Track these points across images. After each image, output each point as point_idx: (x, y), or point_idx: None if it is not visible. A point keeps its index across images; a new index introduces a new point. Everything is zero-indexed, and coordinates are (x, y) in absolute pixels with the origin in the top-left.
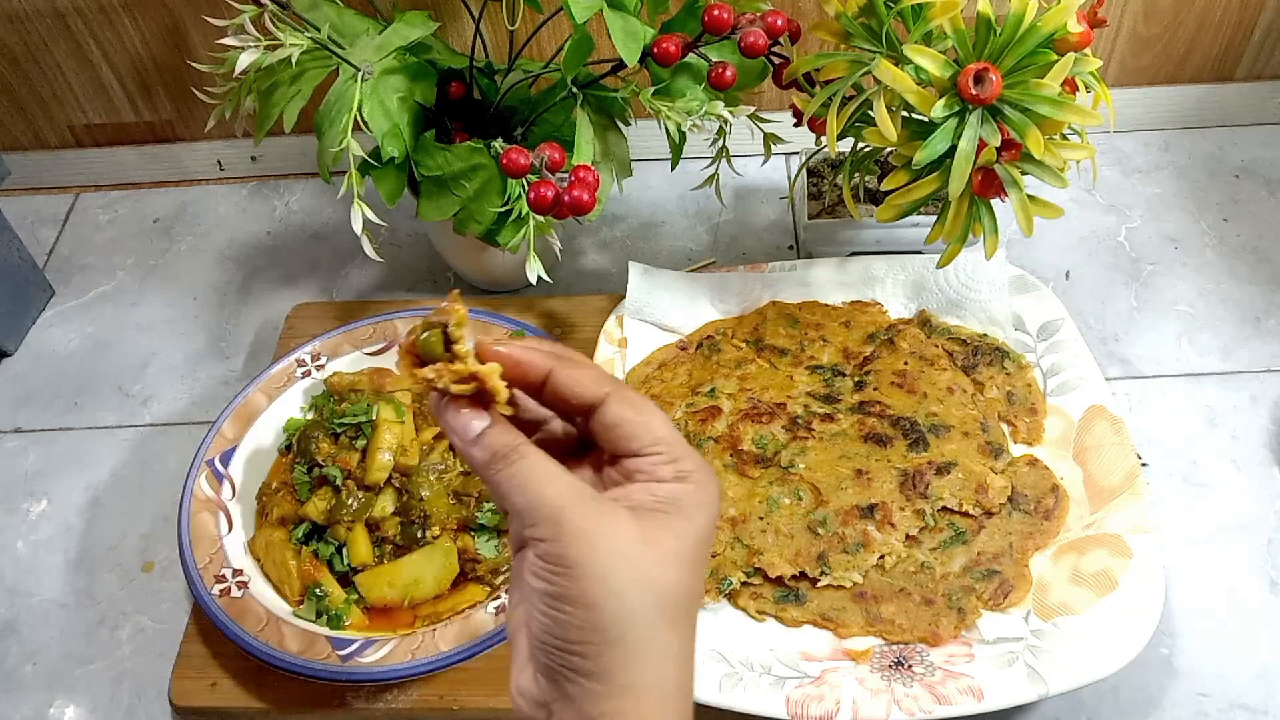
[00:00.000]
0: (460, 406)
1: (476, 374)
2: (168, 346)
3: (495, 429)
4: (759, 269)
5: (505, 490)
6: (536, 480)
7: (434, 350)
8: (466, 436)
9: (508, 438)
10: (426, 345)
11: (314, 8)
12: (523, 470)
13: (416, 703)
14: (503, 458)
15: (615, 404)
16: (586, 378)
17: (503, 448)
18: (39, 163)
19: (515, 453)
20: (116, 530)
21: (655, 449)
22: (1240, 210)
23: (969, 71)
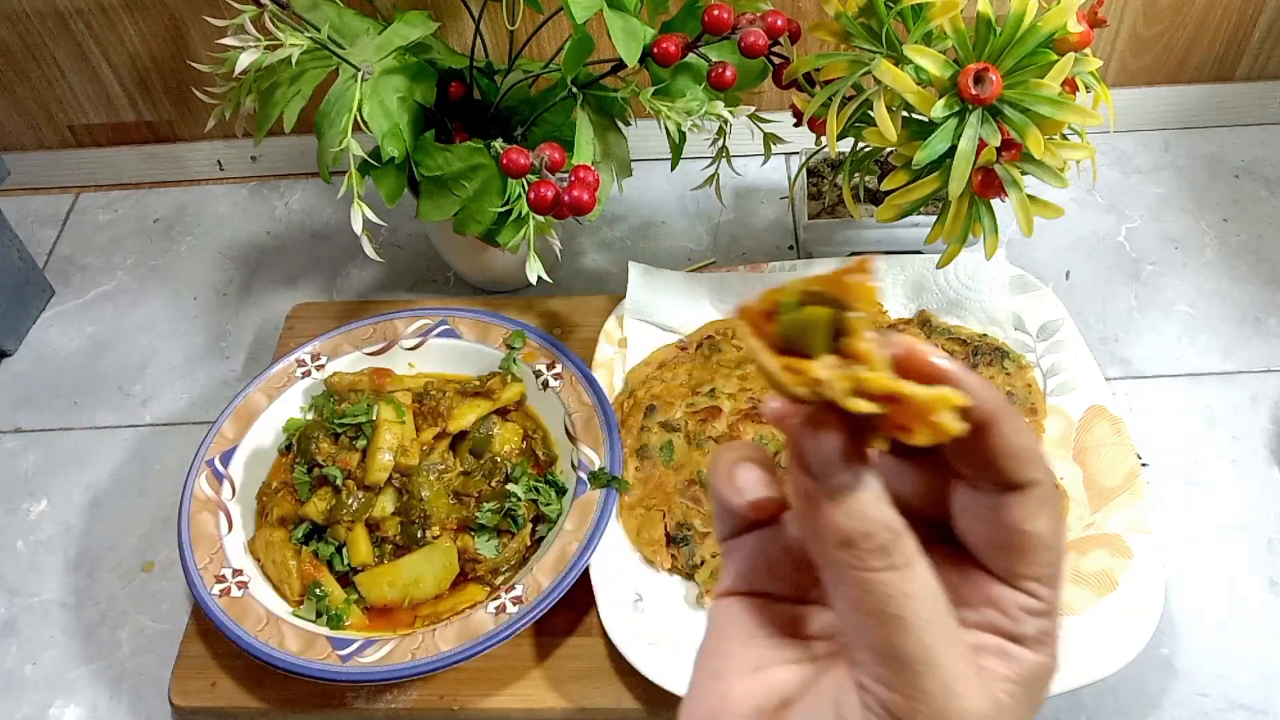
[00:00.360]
0: (830, 431)
1: (900, 396)
2: (168, 346)
3: (882, 499)
4: (759, 269)
5: (866, 601)
6: (924, 619)
7: (811, 335)
8: (831, 483)
9: (897, 522)
10: (801, 324)
11: (314, 8)
12: (911, 593)
13: (416, 703)
14: (883, 551)
15: (1034, 502)
16: (1030, 450)
17: (888, 538)
18: (39, 163)
19: (903, 556)
20: (116, 530)
21: (1037, 586)
22: (1240, 210)
23: (969, 71)
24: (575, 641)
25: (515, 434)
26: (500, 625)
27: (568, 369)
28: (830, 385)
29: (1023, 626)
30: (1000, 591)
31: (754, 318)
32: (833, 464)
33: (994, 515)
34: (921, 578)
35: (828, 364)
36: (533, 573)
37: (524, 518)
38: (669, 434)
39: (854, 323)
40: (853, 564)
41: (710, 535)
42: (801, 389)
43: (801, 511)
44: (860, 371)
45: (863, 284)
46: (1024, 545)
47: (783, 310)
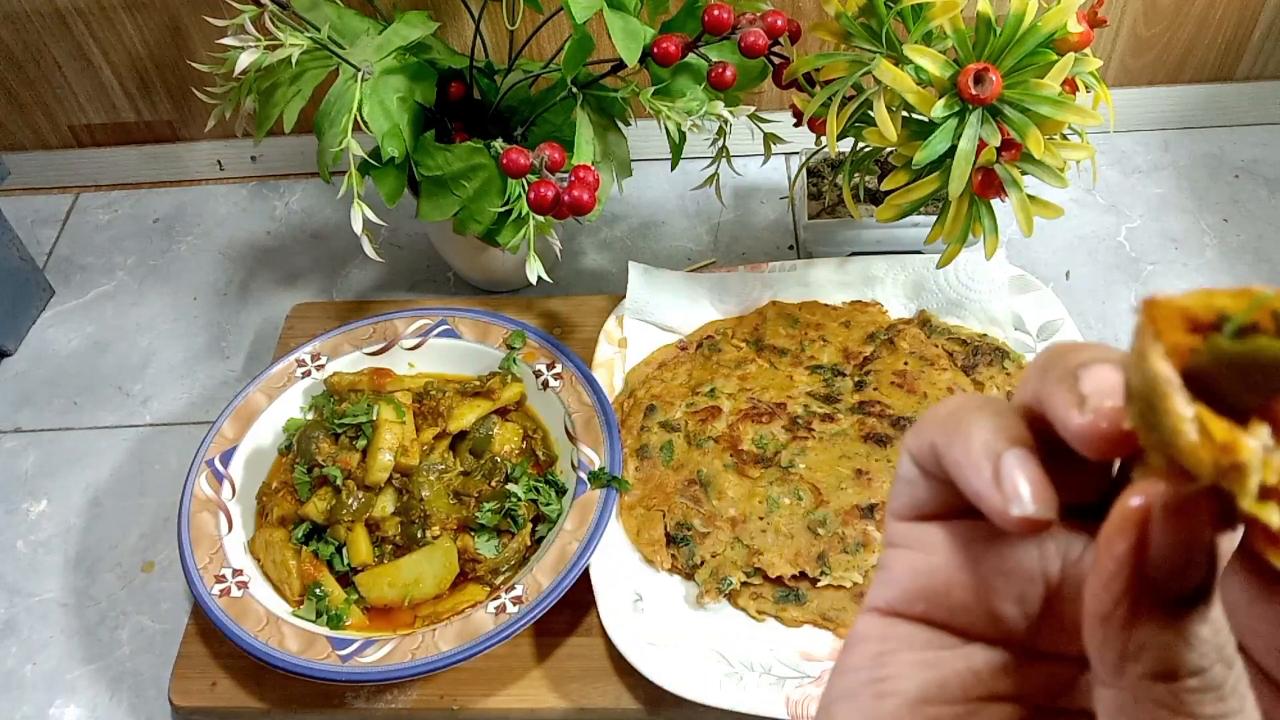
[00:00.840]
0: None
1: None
2: (168, 346)
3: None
4: (759, 269)
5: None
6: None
7: (1263, 384)
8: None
9: (1235, 655)
10: (1256, 363)
11: (314, 8)
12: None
13: (416, 703)
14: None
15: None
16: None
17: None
18: (39, 163)
19: (1239, 700)
20: (116, 530)
21: None
22: (1240, 210)
23: (969, 71)
24: (575, 641)
25: (515, 434)
26: (500, 625)
27: (568, 369)
28: (1252, 475)
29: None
30: None
31: (1167, 318)
32: (1191, 572)
33: None
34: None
35: (1264, 440)
36: (533, 573)
37: (524, 518)
38: (669, 434)
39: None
40: (1170, 704)
41: (710, 535)
42: (1207, 466)
43: (1109, 613)
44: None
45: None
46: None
47: (1226, 329)
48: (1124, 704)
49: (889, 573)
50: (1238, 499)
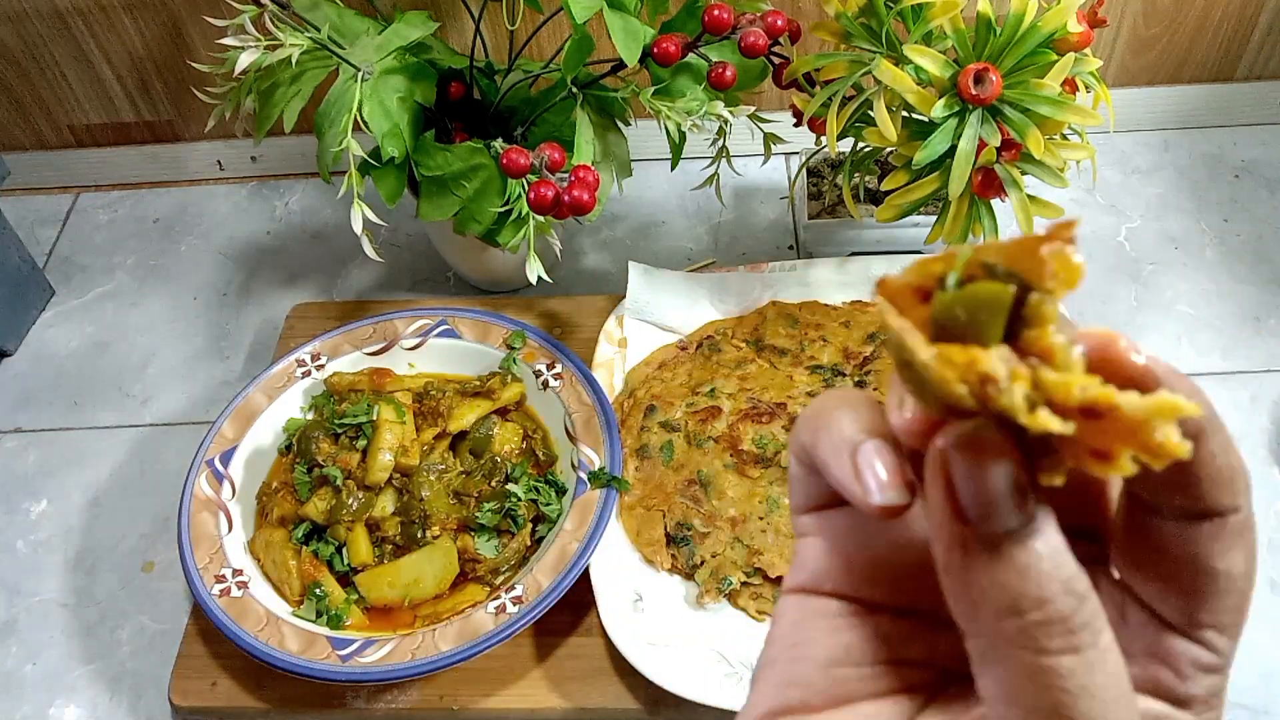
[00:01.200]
0: (999, 458)
1: (1107, 408)
2: (168, 346)
3: (1064, 550)
4: (759, 269)
5: (1031, 694)
6: (1117, 711)
7: (982, 320)
8: (996, 529)
9: (1082, 583)
10: (968, 305)
11: (314, 8)
12: (1094, 687)
13: (416, 703)
14: (1063, 625)
15: (1231, 534)
16: (1237, 469)
17: (1071, 606)
18: (39, 163)
19: (1090, 632)
20: (116, 530)
21: (1215, 636)
22: (1240, 210)
23: (969, 71)
24: (575, 641)
25: (515, 434)
26: (500, 625)
27: (568, 369)
28: (1009, 390)
29: (1193, 687)
30: (1172, 643)
31: (897, 295)
32: (1000, 503)
33: (1178, 547)
34: (1110, 662)
35: (1004, 356)
36: (533, 573)
37: (524, 518)
38: (669, 434)
39: (1042, 310)
40: (1020, 642)
41: (710, 535)
42: (963, 390)
43: (946, 561)
44: (1048, 374)
45: (1065, 255)
46: (1211, 587)
47: (943, 286)
48: (984, 650)
49: (799, 559)
50: (1016, 418)
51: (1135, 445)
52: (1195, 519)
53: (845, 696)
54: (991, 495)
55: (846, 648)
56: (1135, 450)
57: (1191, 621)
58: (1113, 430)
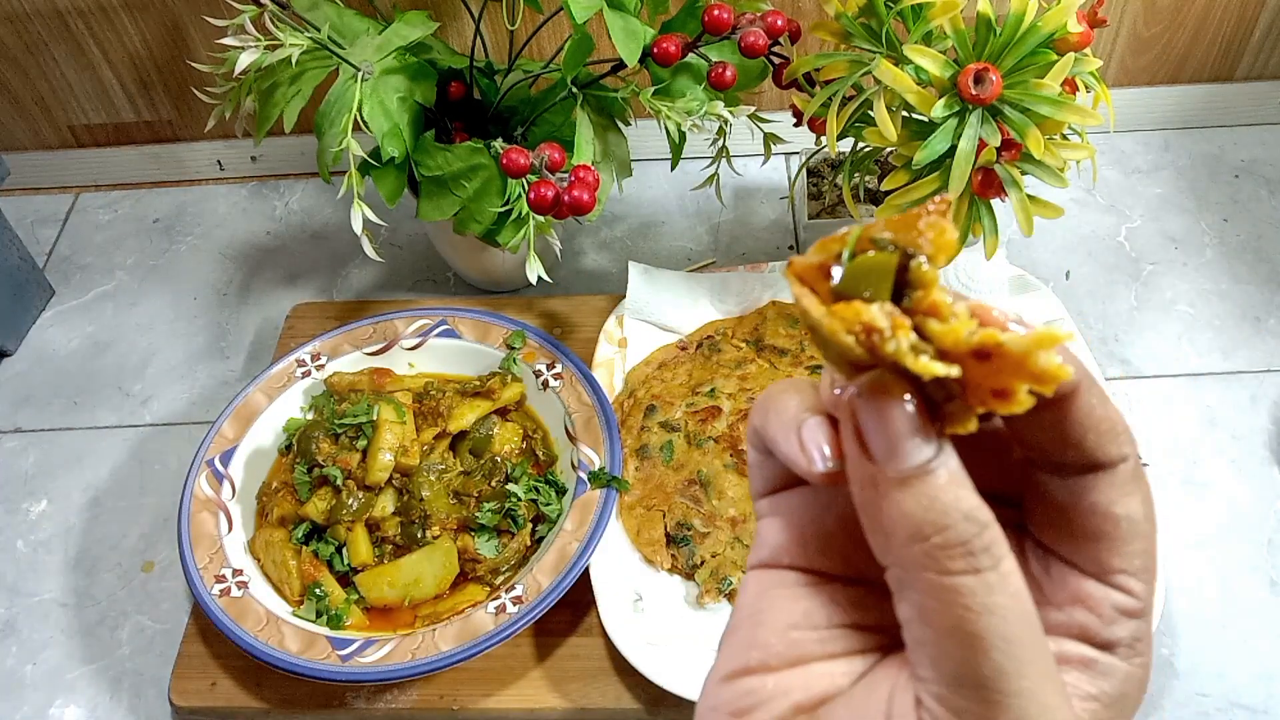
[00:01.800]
0: (894, 399)
1: (993, 348)
2: (168, 346)
3: (963, 480)
4: (759, 269)
5: (939, 614)
6: (1009, 639)
7: (870, 284)
8: (900, 464)
9: (982, 512)
10: (859, 273)
11: (314, 8)
12: (996, 605)
13: (416, 703)
14: (964, 549)
15: (1124, 481)
16: (1117, 421)
17: (971, 531)
18: (39, 163)
19: (990, 556)
20: (116, 530)
21: (1130, 580)
22: (1240, 210)
23: (969, 71)
24: (575, 641)
25: (515, 434)
26: (500, 625)
27: (568, 369)
28: (892, 337)
29: (1115, 630)
30: (1090, 588)
31: (805, 272)
32: (900, 438)
33: (1079, 499)
34: (1010, 584)
35: (886, 310)
36: (533, 573)
37: (524, 518)
38: (669, 434)
39: (925, 274)
40: (926, 564)
41: (710, 535)
42: (851, 340)
43: (862, 500)
44: (936, 325)
45: (940, 225)
46: (1115, 532)
47: (853, 252)
48: (900, 578)
49: (759, 539)
50: (904, 364)
51: (1025, 377)
52: (1089, 471)
53: (801, 657)
54: (894, 433)
55: (803, 613)
56: (1027, 382)
57: (1105, 568)
58: (1004, 368)
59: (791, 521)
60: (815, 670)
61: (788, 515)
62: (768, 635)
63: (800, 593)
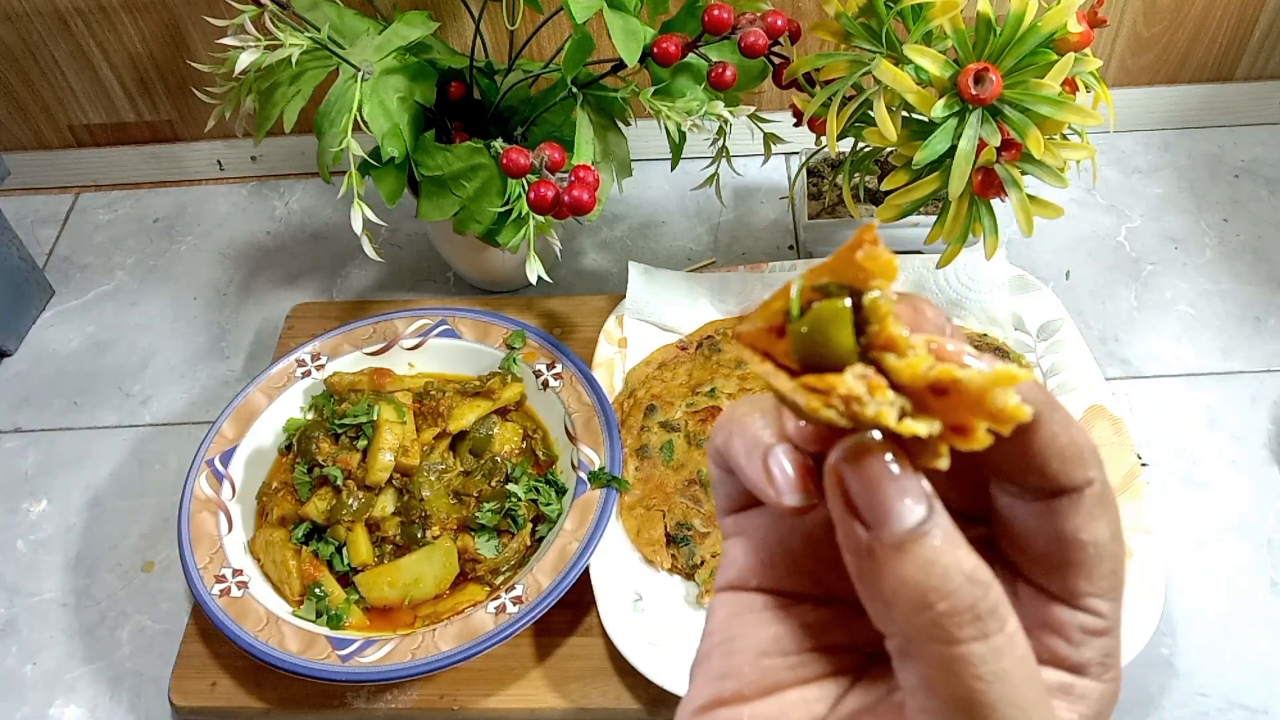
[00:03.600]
0: (882, 463)
1: (952, 385)
2: (168, 346)
3: (959, 540)
4: (759, 269)
5: (948, 685)
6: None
7: (831, 337)
8: (895, 531)
9: (983, 571)
10: (815, 328)
11: (314, 8)
12: (1005, 672)
13: (416, 703)
14: (972, 615)
15: (1090, 506)
16: (1081, 446)
17: (977, 595)
18: (39, 163)
19: (997, 619)
20: (116, 530)
21: (1099, 602)
22: (1240, 210)
23: (969, 71)
24: (575, 641)
25: (515, 434)
26: (500, 625)
27: (568, 369)
28: (872, 405)
29: (1085, 652)
30: (1059, 613)
31: (756, 340)
32: (894, 506)
33: (1045, 525)
34: (1018, 647)
35: (859, 374)
36: (533, 573)
37: (524, 518)
38: (669, 434)
39: (878, 306)
40: (933, 634)
41: (710, 535)
42: (831, 414)
43: (858, 571)
44: (893, 360)
45: (876, 254)
46: (1083, 557)
47: (790, 319)
48: (902, 647)
49: (726, 559)
50: (886, 427)
51: (983, 415)
52: (1054, 496)
53: (775, 685)
54: (885, 500)
55: (774, 638)
56: (984, 420)
57: (1073, 592)
58: (961, 404)
59: (757, 542)
60: (790, 698)
61: (753, 535)
62: (740, 664)
63: (770, 616)
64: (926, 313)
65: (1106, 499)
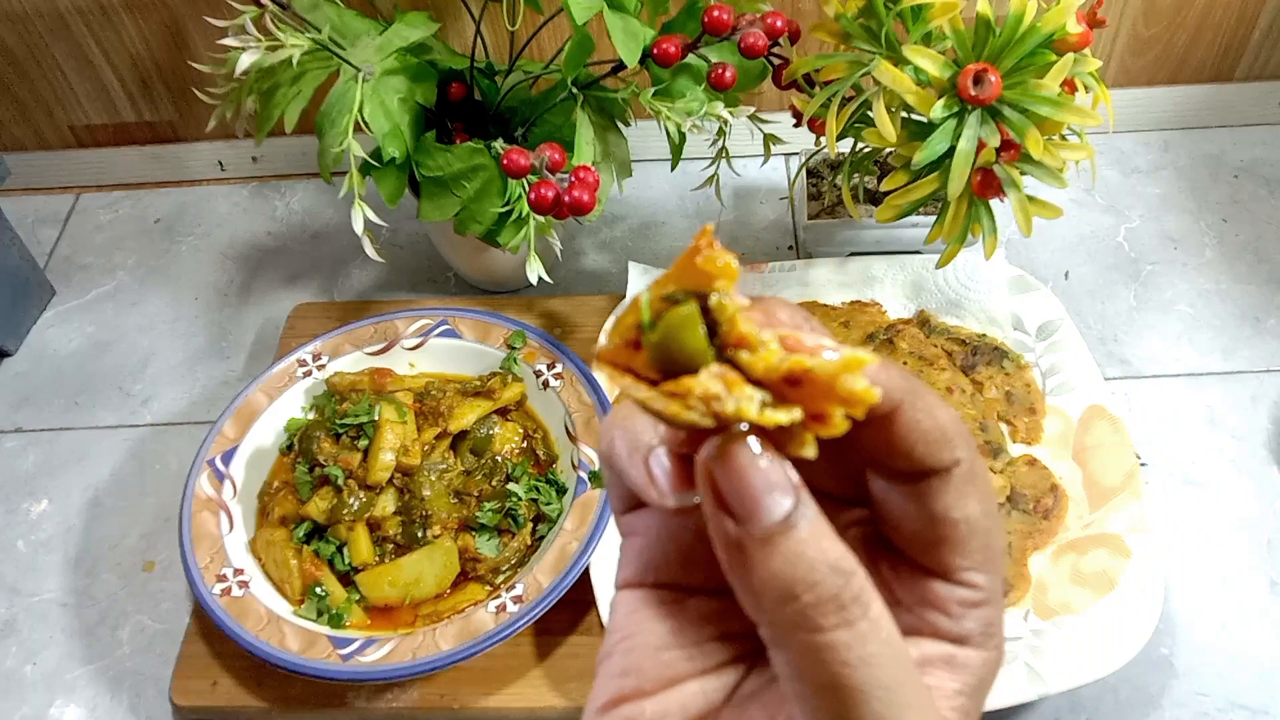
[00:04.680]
0: (746, 456)
1: (804, 374)
2: (168, 346)
3: (825, 531)
4: (759, 269)
5: (815, 671)
6: (885, 686)
7: (684, 343)
8: (762, 524)
9: (848, 560)
10: (667, 336)
11: (314, 8)
12: (870, 655)
13: (417, 702)
14: (835, 603)
15: (959, 484)
16: (945, 428)
17: (838, 584)
18: (39, 163)
19: (859, 606)
20: (116, 530)
21: (975, 575)
22: (1240, 210)
23: (968, 72)
24: (575, 641)
25: (515, 434)
26: (500, 624)
27: (568, 369)
28: (731, 401)
29: (965, 624)
30: (937, 589)
31: (615, 356)
32: (758, 498)
33: (917, 506)
34: (883, 630)
35: (714, 373)
36: (533, 572)
37: (524, 517)
38: None
39: (724, 307)
40: (799, 624)
41: None
42: (694, 415)
43: (728, 564)
44: (746, 355)
45: (713, 257)
46: (955, 534)
47: (644, 330)
48: (774, 638)
49: (624, 557)
50: (747, 418)
51: (836, 401)
52: (924, 478)
53: (675, 677)
54: (753, 493)
55: (672, 632)
56: (837, 405)
57: (949, 568)
58: (817, 393)
59: (651, 540)
60: (689, 689)
61: (646, 534)
62: (639, 660)
63: (666, 611)
64: (779, 313)
65: (976, 476)
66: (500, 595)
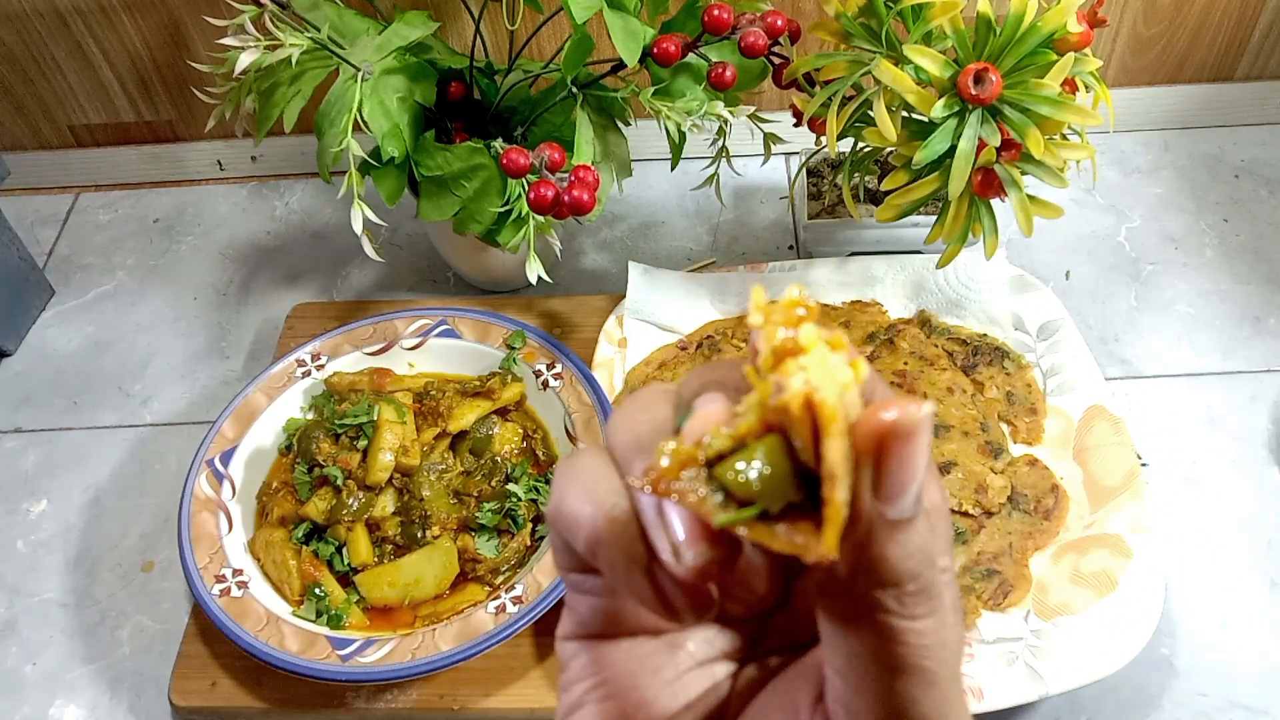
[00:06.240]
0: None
1: None
2: (168, 346)
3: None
4: (759, 269)
5: (894, 653)
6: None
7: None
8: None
9: (946, 559)
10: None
11: (314, 8)
12: (946, 641)
13: (416, 703)
14: (927, 594)
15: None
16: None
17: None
18: (39, 163)
19: (941, 600)
20: (116, 530)
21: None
22: (1240, 210)
23: (969, 71)
24: None
25: (515, 434)
26: (500, 625)
27: (568, 369)
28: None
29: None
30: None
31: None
32: (912, 483)
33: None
34: (956, 624)
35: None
36: (533, 572)
37: (524, 517)
38: None
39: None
40: (893, 609)
41: None
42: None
43: (854, 547)
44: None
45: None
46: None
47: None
48: (851, 616)
49: (569, 610)
50: None
51: None
52: None
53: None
54: (912, 476)
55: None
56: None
57: None
58: None
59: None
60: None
61: (597, 592)
62: (637, 698)
63: (632, 659)
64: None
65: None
66: (500, 596)
